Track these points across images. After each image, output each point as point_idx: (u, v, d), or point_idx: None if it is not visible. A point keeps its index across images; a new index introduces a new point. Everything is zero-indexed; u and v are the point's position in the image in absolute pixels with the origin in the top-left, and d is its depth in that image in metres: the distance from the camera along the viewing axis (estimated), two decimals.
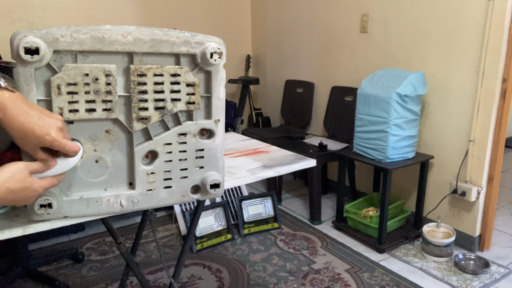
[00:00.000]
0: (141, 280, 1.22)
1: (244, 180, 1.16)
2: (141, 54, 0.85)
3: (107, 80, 0.82)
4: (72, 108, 0.81)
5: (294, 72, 3.47)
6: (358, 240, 2.44)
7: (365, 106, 2.29)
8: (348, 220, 2.53)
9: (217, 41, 0.90)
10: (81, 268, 2.13)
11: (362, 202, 2.62)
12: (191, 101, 0.92)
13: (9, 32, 2.72)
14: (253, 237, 2.49)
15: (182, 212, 2.51)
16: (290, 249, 2.34)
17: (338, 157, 2.57)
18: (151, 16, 3.27)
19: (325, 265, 2.17)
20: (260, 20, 3.79)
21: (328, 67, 3.12)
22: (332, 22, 3.02)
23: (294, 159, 1.32)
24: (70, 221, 0.88)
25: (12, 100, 0.74)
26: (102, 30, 0.80)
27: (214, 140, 0.97)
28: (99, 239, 2.44)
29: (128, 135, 0.89)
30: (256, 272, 2.11)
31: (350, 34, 2.88)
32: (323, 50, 3.15)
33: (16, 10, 2.73)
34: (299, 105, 3.37)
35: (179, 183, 0.96)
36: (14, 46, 0.75)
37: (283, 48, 3.56)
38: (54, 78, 0.78)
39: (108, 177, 0.89)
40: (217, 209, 2.48)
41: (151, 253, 2.29)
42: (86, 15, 2.98)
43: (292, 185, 3.39)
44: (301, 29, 3.32)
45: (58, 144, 0.75)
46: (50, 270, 2.11)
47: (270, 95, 3.84)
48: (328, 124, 3.07)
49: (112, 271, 2.10)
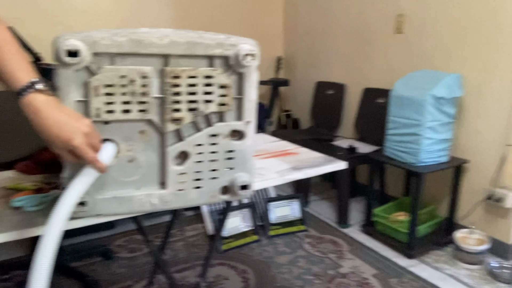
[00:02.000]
0: (169, 278, 1.24)
1: (273, 182, 1.15)
2: (176, 56, 0.86)
3: (143, 82, 0.84)
4: (109, 109, 0.83)
5: (325, 73, 3.44)
6: (387, 245, 2.39)
7: (399, 108, 2.25)
8: (377, 225, 2.48)
9: (251, 42, 0.91)
10: (110, 265, 2.19)
11: (392, 206, 2.57)
12: (223, 102, 0.93)
13: (51, 35, 2.80)
14: (279, 239, 2.48)
15: (210, 212, 2.53)
16: (316, 252, 2.32)
17: (368, 160, 2.53)
18: (184, 18, 3.32)
19: (352, 270, 2.14)
20: (293, 21, 3.77)
21: (360, 68, 3.08)
22: (366, 23, 2.98)
23: (323, 161, 1.31)
24: (103, 219, 0.91)
25: (46, 104, 0.77)
26: (139, 33, 0.82)
27: (245, 142, 0.98)
28: (128, 237, 2.49)
29: (161, 135, 0.90)
30: (282, 274, 2.10)
31: (384, 35, 2.83)
32: (355, 51, 3.11)
33: (58, 13, 2.83)
34: (329, 106, 3.34)
35: (209, 183, 0.97)
36: (56, 49, 0.78)
37: (315, 50, 3.54)
38: (92, 79, 0.81)
39: (140, 177, 0.91)
40: (244, 210, 2.48)
41: (178, 251, 2.32)
42: (122, 18, 3.06)
43: (320, 187, 3.37)
44: (334, 30, 3.29)
45: (79, 152, 0.78)
46: (81, 266, 2.17)
47: (299, 97, 3.82)
48: (359, 126, 3.03)
49: (141, 269, 2.14)
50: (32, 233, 0.86)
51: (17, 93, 0.76)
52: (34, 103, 0.76)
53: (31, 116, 0.76)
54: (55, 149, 0.79)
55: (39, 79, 0.78)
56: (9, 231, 0.86)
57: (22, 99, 0.76)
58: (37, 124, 0.77)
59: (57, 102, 0.79)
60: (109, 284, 2.01)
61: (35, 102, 0.76)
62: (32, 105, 0.76)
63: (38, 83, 0.77)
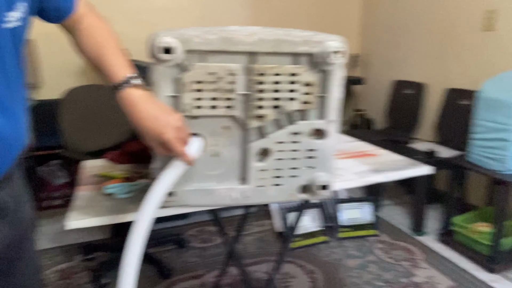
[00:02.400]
0: (242, 272, 1.27)
1: (352, 183, 1.13)
2: (262, 54, 0.87)
3: (230, 79, 0.86)
4: (198, 105, 0.86)
5: (404, 72, 3.29)
6: (466, 256, 2.23)
7: (486, 111, 2.08)
8: (456, 234, 2.33)
9: (338, 39, 0.89)
10: (183, 253, 2.28)
11: (473, 216, 2.39)
12: (307, 100, 0.92)
13: (135, 32, 2.99)
14: (349, 242, 2.42)
15: (278, 209, 2.54)
16: (388, 259, 2.23)
17: (449, 165, 2.38)
18: (259, 15, 3.36)
19: (427, 280, 2.03)
20: (372, 17, 3.66)
21: (443, 67, 2.90)
22: (450, 19, 2.80)
23: (406, 165, 1.25)
24: (188, 209, 0.95)
25: (142, 99, 0.81)
26: (229, 31, 0.84)
27: (326, 141, 0.96)
28: (200, 228, 2.58)
29: (244, 132, 0.92)
30: (351, 278, 2.05)
31: (471, 32, 2.64)
32: (437, 50, 2.93)
33: (141, 12, 3.00)
34: (407, 107, 3.19)
35: (288, 181, 0.97)
36: (152, 46, 0.82)
37: (393, 47, 3.40)
38: (183, 76, 0.84)
39: (223, 171, 0.94)
40: (313, 210, 2.46)
41: (247, 246, 2.36)
42: (200, 16, 3.17)
43: (392, 191, 3.23)
44: (415, 28, 3.13)
45: (170, 145, 0.81)
46: (156, 253, 2.29)
47: (374, 96, 3.69)
48: (439, 129, 2.86)
49: (212, 259, 2.21)
50: (123, 219, 0.92)
51: (114, 86, 0.81)
52: (131, 97, 0.81)
53: (127, 109, 0.81)
54: (148, 141, 0.83)
55: (136, 75, 0.82)
56: (103, 215, 0.93)
57: (119, 92, 0.81)
58: (132, 117, 0.81)
59: (152, 97, 0.83)
60: (182, 272, 2.10)
61: (131, 96, 0.81)
62: (129, 99, 0.81)
63: (135, 78, 0.82)
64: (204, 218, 2.69)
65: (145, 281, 2.01)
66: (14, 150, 0.73)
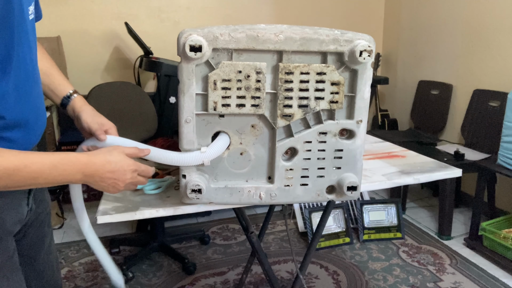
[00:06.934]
0: (267, 270, 1.26)
1: (380, 185, 1.11)
2: (290, 52, 0.86)
3: (258, 78, 0.86)
4: (225, 103, 0.86)
5: (430, 72, 3.22)
6: (495, 262, 2.17)
7: None
8: (484, 240, 2.26)
9: (367, 38, 0.87)
10: (206, 250, 2.29)
11: (503, 221, 2.32)
12: (335, 100, 0.91)
13: (159, 30, 3.04)
14: (373, 244, 2.38)
15: (301, 208, 2.53)
16: (414, 262, 2.19)
17: (477, 168, 2.31)
18: (283, 14, 3.34)
19: (454, 285, 1.98)
20: (395, 17, 3.59)
21: (471, 68, 2.82)
22: (478, 19, 2.71)
23: (435, 167, 1.22)
24: (214, 207, 0.95)
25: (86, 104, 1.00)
26: (256, 29, 0.83)
27: (355, 141, 0.95)
28: (223, 225, 2.59)
29: (271, 130, 0.91)
30: (376, 281, 2.02)
31: (500, 32, 2.55)
32: (465, 49, 2.85)
33: (165, 10, 3.04)
34: (433, 108, 3.11)
35: (315, 181, 0.96)
36: (180, 44, 0.82)
37: (418, 47, 3.32)
38: (211, 74, 0.84)
39: (250, 170, 0.93)
40: (337, 211, 2.43)
41: (269, 245, 2.35)
42: (224, 14, 3.18)
43: (418, 194, 3.17)
44: (441, 26, 3.06)
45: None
46: (180, 248, 2.31)
47: (399, 96, 3.62)
48: (467, 131, 2.78)
49: (235, 257, 2.21)
50: (152, 215, 0.93)
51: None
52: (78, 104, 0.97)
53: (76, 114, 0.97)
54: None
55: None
56: (131, 211, 0.94)
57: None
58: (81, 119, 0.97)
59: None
60: (205, 268, 2.11)
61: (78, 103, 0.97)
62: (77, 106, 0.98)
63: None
64: (227, 215, 2.70)
65: (170, 276, 2.03)
66: (38, 132, 0.83)
